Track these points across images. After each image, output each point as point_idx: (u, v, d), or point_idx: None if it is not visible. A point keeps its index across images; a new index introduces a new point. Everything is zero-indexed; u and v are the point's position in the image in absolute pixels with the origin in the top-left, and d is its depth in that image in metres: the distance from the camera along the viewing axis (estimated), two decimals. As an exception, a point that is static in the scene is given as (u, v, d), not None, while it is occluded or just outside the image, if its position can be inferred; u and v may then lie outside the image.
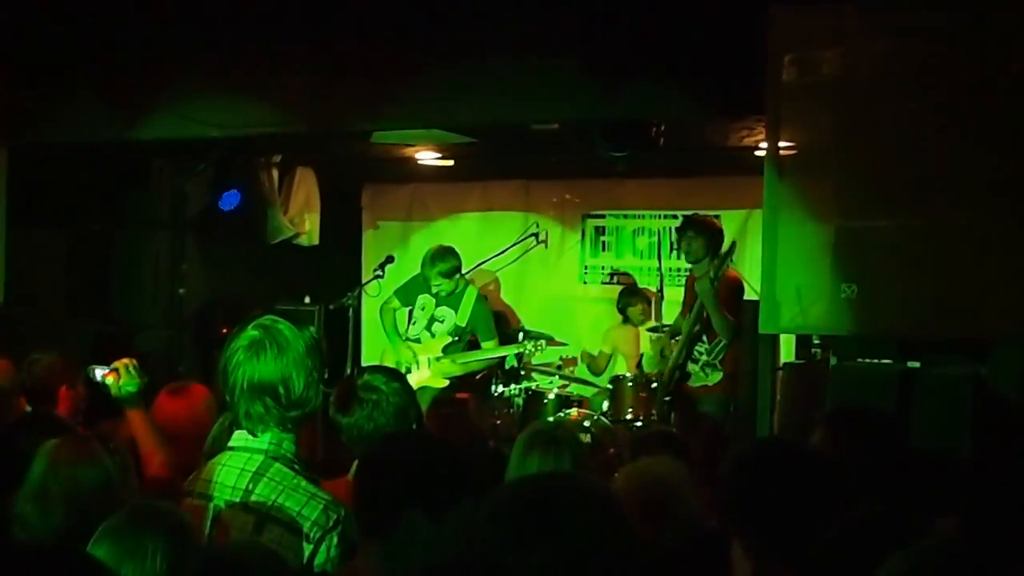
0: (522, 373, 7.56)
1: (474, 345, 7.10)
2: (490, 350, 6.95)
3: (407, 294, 7.10)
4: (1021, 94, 4.44)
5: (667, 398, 6.36)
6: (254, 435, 2.66)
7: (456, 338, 6.91)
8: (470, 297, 6.99)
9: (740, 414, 6.13)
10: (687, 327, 6.24)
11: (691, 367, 6.26)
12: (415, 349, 6.93)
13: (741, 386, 6.58)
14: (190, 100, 6.08)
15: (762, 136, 5.84)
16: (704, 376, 6.23)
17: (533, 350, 7.18)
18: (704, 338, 6.19)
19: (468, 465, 2.32)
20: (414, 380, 6.47)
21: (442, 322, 6.93)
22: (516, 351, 7.15)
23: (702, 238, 6.26)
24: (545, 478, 1.97)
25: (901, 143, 4.65)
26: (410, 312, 7.04)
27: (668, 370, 6.38)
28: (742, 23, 4.79)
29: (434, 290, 6.90)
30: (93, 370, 3.63)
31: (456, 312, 6.93)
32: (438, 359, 6.83)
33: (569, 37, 5.26)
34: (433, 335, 6.93)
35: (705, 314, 6.10)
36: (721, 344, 6.11)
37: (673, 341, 6.53)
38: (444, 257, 6.89)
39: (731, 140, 6.84)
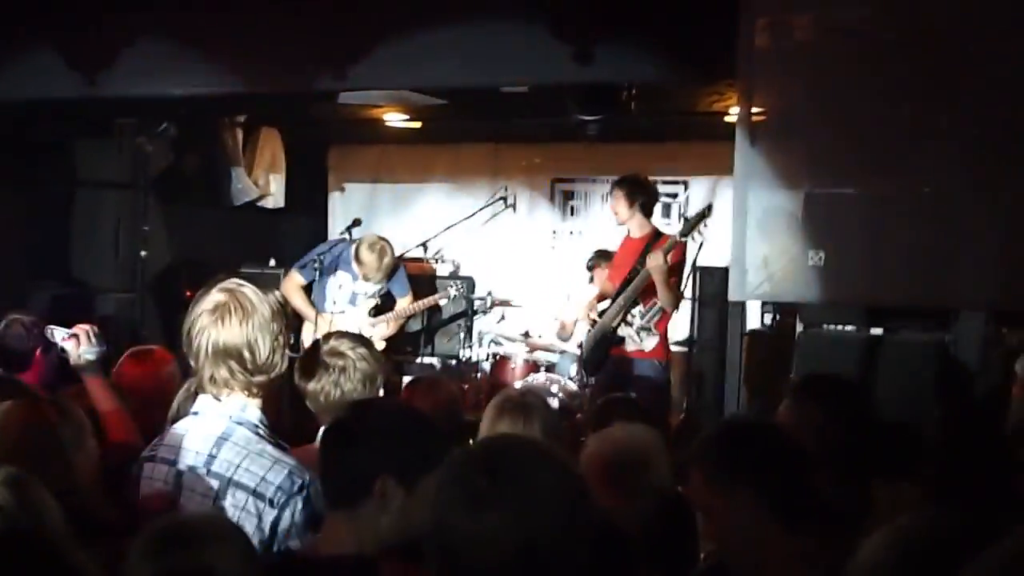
0: (490, 339, 7.57)
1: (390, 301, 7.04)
2: (408, 307, 6.95)
3: (311, 270, 6.93)
4: (994, 64, 4.45)
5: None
6: (219, 400, 2.62)
7: (376, 301, 6.88)
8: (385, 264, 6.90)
9: (701, 380, 6.15)
10: (630, 293, 6.07)
11: (624, 330, 6.10)
12: (342, 319, 6.86)
13: (701, 352, 6.63)
14: (152, 57, 5.94)
15: (732, 102, 5.84)
16: (639, 340, 6.06)
17: (457, 292, 7.22)
18: (638, 301, 6.09)
19: (440, 433, 2.29)
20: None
21: (364, 293, 6.89)
22: (434, 303, 7.17)
23: (620, 191, 6.23)
24: (499, 441, 1.96)
25: (872, 111, 4.65)
26: (324, 288, 6.90)
27: (599, 334, 6.28)
28: (714, -14, 4.75)
29: (371, 280, 6.77)
30: (52, 331, 3.58)
31: (374, 282, 6.86)
32: (371, 325, 6.79)
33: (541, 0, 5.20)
34: (356, 306, 6.87)
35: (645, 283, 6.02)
36: (656, 307, 5.99)
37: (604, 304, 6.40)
38: (389, 252, 6.77)
39: (701, 105, 6.82)
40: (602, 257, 7.68)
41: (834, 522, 2.32)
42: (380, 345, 6.75)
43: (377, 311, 6.93)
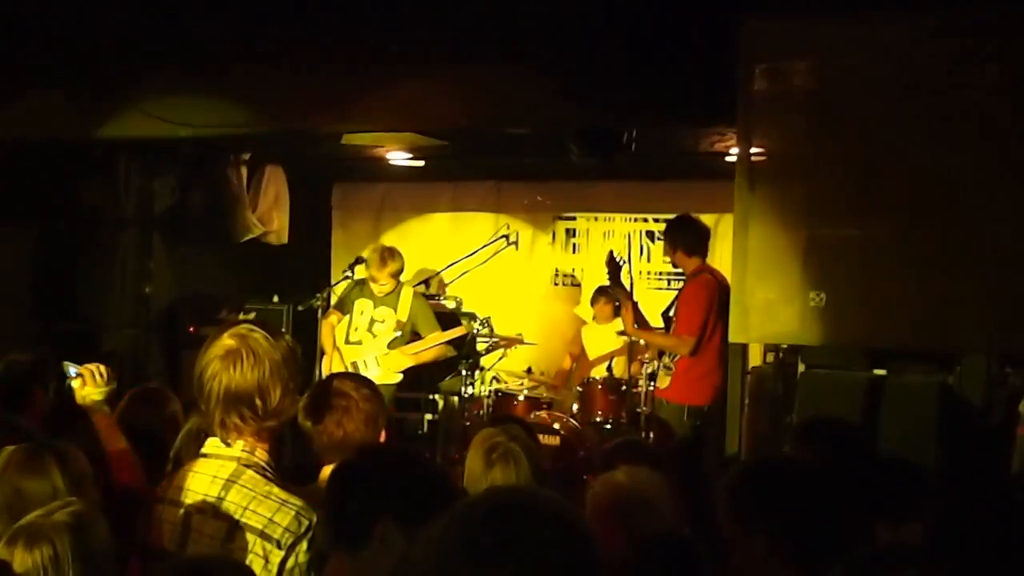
0: (491, 376, 7.59)
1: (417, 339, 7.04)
2: (436, 336, 6.90)
3: (343, 304, 7.03)
4: (990, 106, 4.51)
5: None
6: (227, 444, 2.64)
7: (399, 333, 6.88)
8: (407, 295, 6.94)
9: (705, 418, 6.09)
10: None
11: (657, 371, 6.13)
12: (359, 351, 6.88)
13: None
14: (159, 98, 6.02)
15: (733, 142, 5.89)
16: (660, 379, 6.08)
17: (480, 328, 7.19)
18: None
19: (443, 479, 2.32)
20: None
21: (383, 322, 6.89)
22: (462, 333, 7.13)
23: (667, 234, 6.23)
24: (503, 493, 1.97)
25: (871, 153, 4.70)
26: (349, 318, 6.97)
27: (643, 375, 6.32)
28: (714, 32, 4.82)
29: (377, 291, 6.83)
30: (68, 367, 3.56)
31: (396, 310, 6.89)
32: (386, 355, 6.80)
33: (543, 44, 5.27)
34: (375, 335, 6.88)
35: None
36: None
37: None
38: (394, 257, 6.84)
39: (702, 145, 6.88)
40: (602, 294, 7.73)
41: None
42: (396, 378, 6.79)
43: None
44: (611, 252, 6.41)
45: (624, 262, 6.45)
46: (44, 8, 5.82)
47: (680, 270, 6.46)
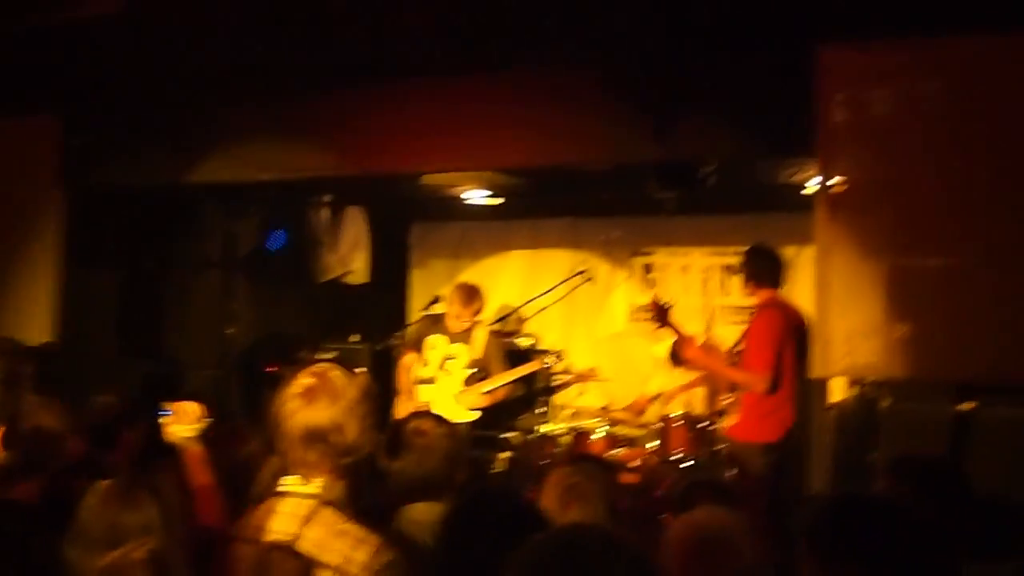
0: (568, 412, 7.55)
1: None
2: (508, 374, 6.88)
3: (416, 342, 7.05)
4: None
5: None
6: (305, 481, 2.66)
7: (474, 370, 6.87)
8: (482, 333, 6.96)
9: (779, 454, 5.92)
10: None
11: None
12: (431, 390, 6.89)
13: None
14: (243, 144, 6.18)
15: (811, 173, 5.80)
16: (729, 416, 5.96)
17: (555, 360, 7.16)
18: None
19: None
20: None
21: (456, 359, 6.90)
22: (534, 368, 7.12)
23: (742, 265, 6.11)
24: (573, 531, 1.97)
25: (953, 182, 4.60)
26: (421, 355, 6.99)
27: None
28: (791, 63, 4.78)
29: (452, 328, 6.85)
30: (165, 408, 3.62)
31: (469, 346, 6.89)
32: (462, 392, 6.80)
33: (619, 78, 5.27)
34: (448, 372, 6.88)
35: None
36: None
37: None
38: (479, 295, 6.89)
39: (780, 177, 6.80)
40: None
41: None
42: (471, 416, 6.80)
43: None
44: (654, 297, 6.39)
45: (670, 305, 6.30)
46: (134, 58, 6.01)
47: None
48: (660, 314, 6.17)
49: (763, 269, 5.96)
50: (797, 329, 5.79)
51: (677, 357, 6.25)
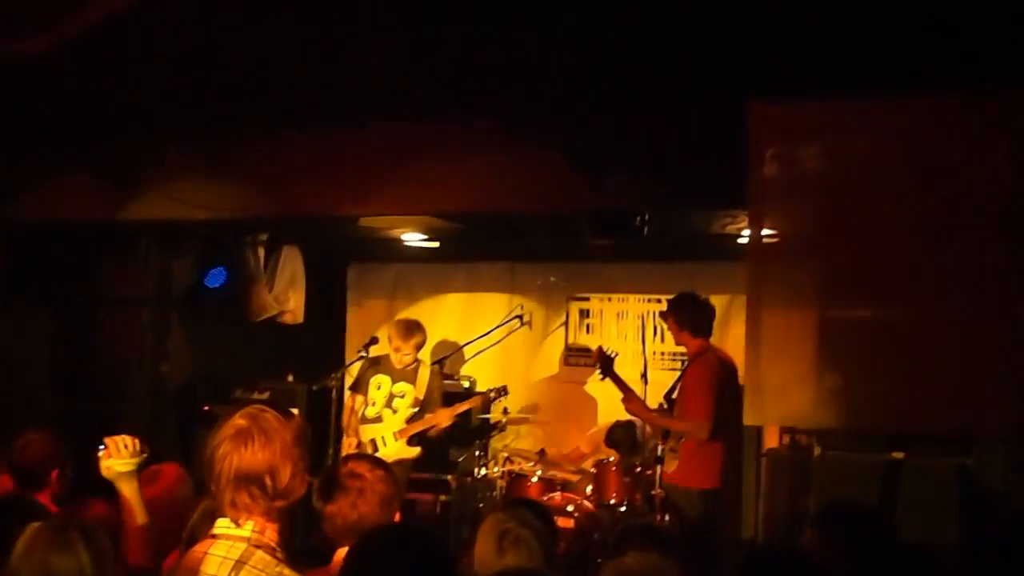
0: (504, 456, 7.56)
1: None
2: (454, 408, 6.93)
3: (359, 384, 7.10)
4: (1003, 193, 4.53)
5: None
6: (237, 524, 2.64)
7: (417, 409, 6.92)
8: (425, 371, 7.03)
9: (715, 500, 5.96)
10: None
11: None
12: (380, 429, 6.90)
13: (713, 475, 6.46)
14: (179, 182, 6.13)
15: (745, 224, 5.93)
16: (667, 462, 5.96)
17: (497, 395, 7.30)
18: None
19: (451, 560, 2.31)
20: (388, 455, 6.45)
21: (402, 397, 6.93)
22: (474, 404, 7.22)
23: (674, 313, 6.22)
24: None
25: (884, 236, 4.72)
26: (364, 397, 7.02)
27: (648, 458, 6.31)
28: (724, 117, 4.88)
29: (397, 364, 6.89)
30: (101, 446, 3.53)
31: (414, 385, 6.95)
32: (402, 430, 6.84)
33: (555, 130, 5.36)
34: (395, 411, 6.92)
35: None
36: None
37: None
38: (420, 328, 7.02)
39: (714, 227, 6.93)
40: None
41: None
42: (412, 452, 6.81)
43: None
44: (599, 347, 6.55)
45: (615, 354, 6.48)
46: (66, 92, 5.96)
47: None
48: (605, 364, 6.27)
49: (696, 318, 6.12)
50: (731, 376, 5.90)
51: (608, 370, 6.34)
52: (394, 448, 6.76)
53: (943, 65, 4.49)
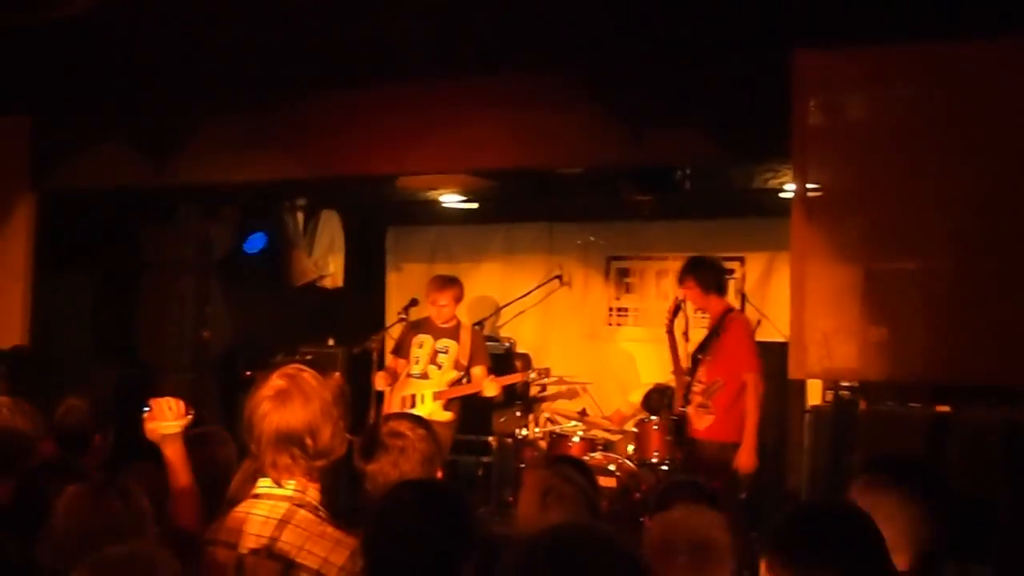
0: (545, 417, 7.55)
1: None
2: (489, 384, 6.87)
3: (400, 347, 7.08)
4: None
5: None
6: (279, 484, 2.64)
7: (461, 374, 6.91)
8: (466, 332, 7.00)
9: (761, 458, 5.94)
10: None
11: (690, 408, 6.02)
12: (423, 385, 6.90)
13: (760, 430, 6.43)
14: (217, 146, 6.14)
15: (787, 178, 5.83)
16: (699, 418, 5.96)
17: (538, 376, 7.21)
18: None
19: (477, 517, 2.31)
20: (421, 414, 6.45)
21: (446, 352, 6.91)
22: (518, 380, 7.16)
23: (699, 277, 6.13)
24: (562, 529, 1.95)
25: (929, 185, 4.62)
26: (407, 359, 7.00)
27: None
28: (767, 67, 4.79)
29: (438, 320, 6.87)
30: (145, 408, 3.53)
31: (458, 342, 6.92)
32: (443, 391, 6.82)
33: (595, 84, 5.28)
34: (439, 366, 6.90)
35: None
36: (717, 384, 5.89)
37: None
38: (453, 281, 6.97)
39: (756, 182, 6.82)
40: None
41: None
42: (447, 415, 6.80)
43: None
44: (675, 298, 6.42)
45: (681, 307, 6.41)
46: (106, 60, 5.96)
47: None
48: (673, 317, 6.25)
49: (719, 278, 6.18)
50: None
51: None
52: (429, 407, 6.76)
53: (996, 4, 4.35)
